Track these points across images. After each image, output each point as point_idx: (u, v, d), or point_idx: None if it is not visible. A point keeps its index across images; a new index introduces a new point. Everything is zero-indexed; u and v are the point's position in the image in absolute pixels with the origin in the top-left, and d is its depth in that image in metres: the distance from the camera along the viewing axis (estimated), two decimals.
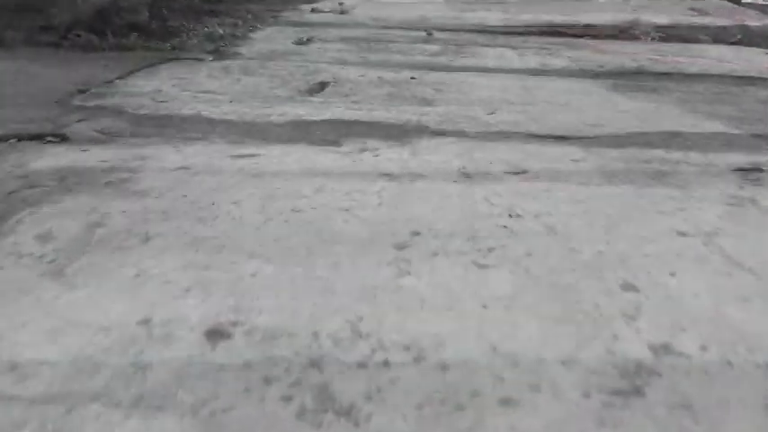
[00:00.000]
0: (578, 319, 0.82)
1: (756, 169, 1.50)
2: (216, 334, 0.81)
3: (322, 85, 2.33)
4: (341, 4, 4.39)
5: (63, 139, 1.66)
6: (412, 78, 2.50)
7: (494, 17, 3.97)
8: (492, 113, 2.00)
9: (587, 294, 0.88)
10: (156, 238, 1.08)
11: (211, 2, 5.18)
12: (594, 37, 3.60)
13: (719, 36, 3.60)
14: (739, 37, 3.58)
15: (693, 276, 0.95)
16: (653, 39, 3.57)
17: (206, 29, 3.30)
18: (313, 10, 4.16)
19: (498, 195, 1.28)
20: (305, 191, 1.32)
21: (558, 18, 3.86)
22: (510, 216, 1.17)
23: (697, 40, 3.56)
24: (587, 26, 3.67)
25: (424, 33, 3.56)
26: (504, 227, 1.12)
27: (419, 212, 1.20)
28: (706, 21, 3.79)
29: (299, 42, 3.18)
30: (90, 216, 1.18)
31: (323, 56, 2.92)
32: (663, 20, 3.77)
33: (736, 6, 4.37)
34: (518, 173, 1.42)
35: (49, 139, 1.65)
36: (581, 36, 3.61)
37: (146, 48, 2.84)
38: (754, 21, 3.78)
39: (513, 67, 2.79)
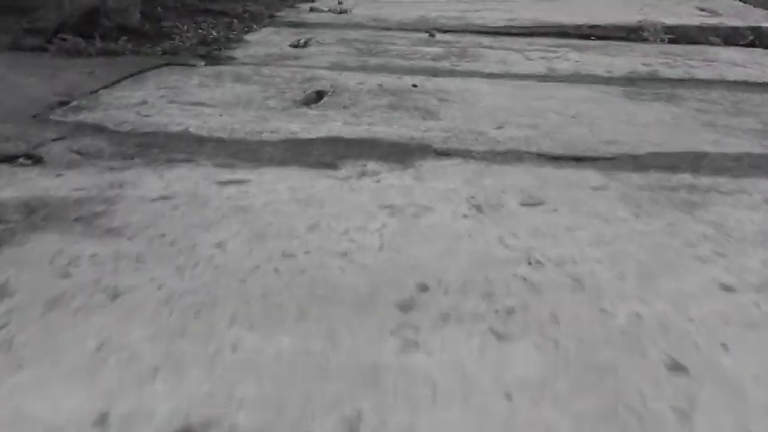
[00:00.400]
0: (622, 419, 0.67)
1: None
2: None
3: (319, 95, 2.18)
4: (340, 3, 4.22)
5: (37, 161, 1.50)
6: (414, 86, 2.34)
7: (497, 17, 3.80)
8: (500, 128, 1.85)
9: (629, 380, 0.74)
10: (126, 295, 0.93)
11: None
12: (602, 38, 3.44)
13: (731, 38, 3.43)
14: (751, 38, 3.41)
15: (749, 351, 0.80)
16: (662, 40, 3.40)
17: (200, 31, 3.13)
18: (311, 9, 3.99)
19: (514, 235, 1.13)
20: (298, 228, 1.17)
21: (563, 18, 3.69)
22: (529, 263, 1.02)
23: (708, 42, 3.40)
24: (594, 27, 3.51)
25: (425, 35, 3.39)
26: (524, 279, 0.97)
27: (426, 258, 1.05)
28: (716, 21, 3.62)
29: (296, 45, 3.02)
30: (55, 262, 1.03)
31: (320, 60, 2.76)
32: (672, 20, 3.61)
33: (746, 6, 4.20)
34: (534, 205, 1.27)
35: (22, 161, 1.50)
36: (587, 37, 3.45)
37: (135, 52, 2.68)
38: (766, 22, 3.62)
39: (519, 73, 2.63)
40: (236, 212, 1.23)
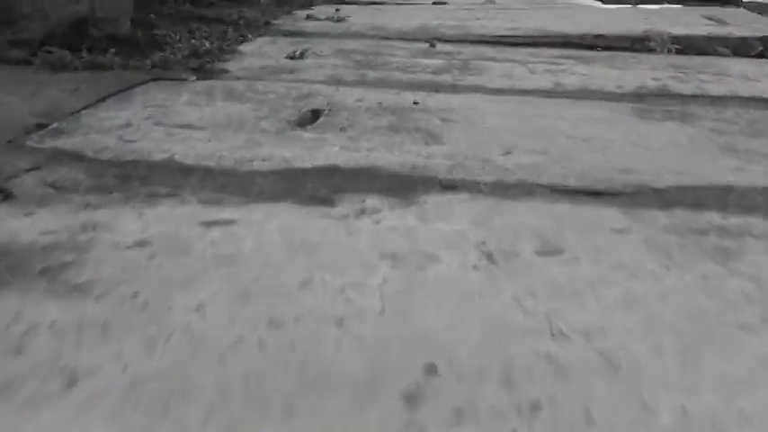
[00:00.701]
0: None
1: None
2: None
3: (315, 114, 2.03)
4: (337, 10, 4.07)
5: (7, 196, 1.36)
6: (415, 103, 2.20)
7: (499, 26, 3.66)
8: (508, 153, 1.71)
9: None
10: (86, 380, 0.79)
11: (203, 5, 4.88)
12: (607, 48, 3.30)
13: (740, 48, 3.29)
14: (761, 49, 3.27)
15: None
16: (669, 51, 3.26)
17: (192, 41, 2.98)
18: (308, 17, 3.84)
19: (532, 295, 0.99)
20: (288, 283, 1.03)
21: (567, 27, 3.55)
22: (552, 335, 0.88)
23: (716, 53, 3.26)
24: (599, 36, 3.37)
25: (425, 45, 3.25)
26: (548, 358, 0.83)
27: (433, 325, 0.91)
28: (724, 31, 3.48)
29: (292, 57, 2.87)
30: (9, 331, 0.89)
31: (317, 74, 2.62)
32: (678, 30, 3.47)
33: (753, 15, 4.07)
34: (552, 253, 1.13)
35: None
36: (592, 47, 3.31)
37: (123, 66, 2.53)
38: None
39: (524, 88, 2.49)
40: (219, 263, 1.09)
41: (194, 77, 2.46)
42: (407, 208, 1.33)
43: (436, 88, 2.45)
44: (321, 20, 3.80)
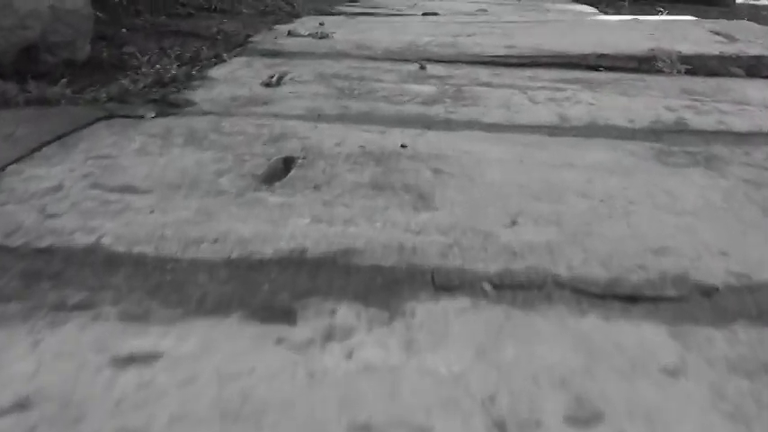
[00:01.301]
0: None
1: None
2: None
3: (287, 164, 1.69)
4: (321, 24, 3.72)
5: None
6: (403, 147, 1.87)
7: (494, 43, 3.32)
8: (513, 224, 1.37)
9: None
10: None
11: (181, 16, 4.52)
12: (612, 69, 2.96)
13: (754, 68, 2.97)
14: None
15: None
16: (678, 72, 2.93)
17: (157, 67, 2.63)
18: (289, 33, 3.49)
19: None
20: None
21: (567, 46, 3.21)
22: None
23: (729, 74, 2.93)
24: (602, 56, 3.03)
25: (415, 66, 2.91)
26: None
27: None
28: (735, 49, 3.15)
29: (268, 84, 2.53)
30: None
31: (294, 106, 2.27)
32: (687, 48, 3.13)
33: (762, 28, 3.74)
34: (587, 424, 0.79)
35: None
36: (596, 68, 2.98)
37: (74, 100, 2.18)
38: None
39: (525, 123, 2.16)
40: None
41: (153, 114, 2.11)
42: (390, 325, 1.00)
43: (427, 124, 2.11)
44: (303, 36, 3.45)
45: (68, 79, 2.37)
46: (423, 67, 2.87)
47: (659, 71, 2.97)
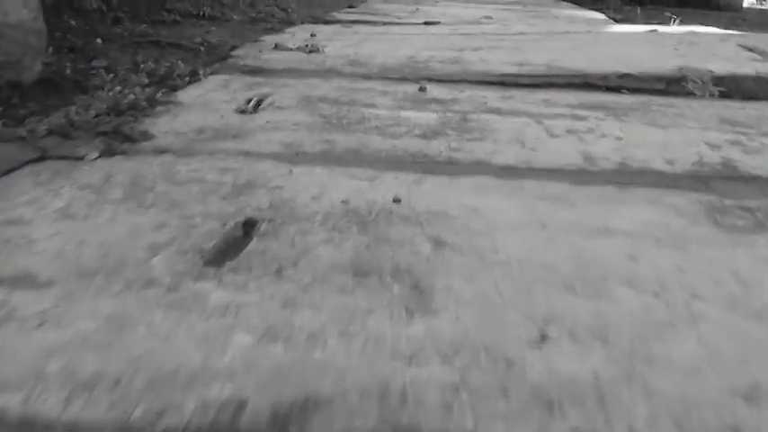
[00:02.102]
0: None
1: None
2: None
3: (246, 232, 1.29)
4: (313, 35, 3.31)
5: None
6: (396, 202, 1.46)
7: (502, 59, 2.90)
8: (543, 340, 0.96)
9: None
10: None
11: (167, 23, 4.10)
12: (636, 91, 2.55)
13: None
14: None
15: None
16: (711, 95, 2.52)
17: (117, 89, 2.21)
18: (276, 46, 3.07)
19: None
20: None
21: (584, 63, 2.79)
22: None
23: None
24: (624, 76, 2.61)
25: (414, 86, 2.49)
26: None
27: None
28: None
29: (243, 111, 2.12)
30: None
31: (270, 140, 1.86)
32: (718, 66, 2.71)
33: None
34: None
35: None
36: (618, 90, 2.56)
37: (4, 135, 1.77)
38: None
39: (544, 165, 1.74)
40: None
41: (97, 153, 1.70)
42: None
43: (426, 167, 1.70)
44: (291, 50, 3.03)
45: (7, 106, 1.97)
46: (422, 89, 2.46)
47: (689, 93, 2.55)
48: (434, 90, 2.48)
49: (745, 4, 9.17)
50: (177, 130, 1.94)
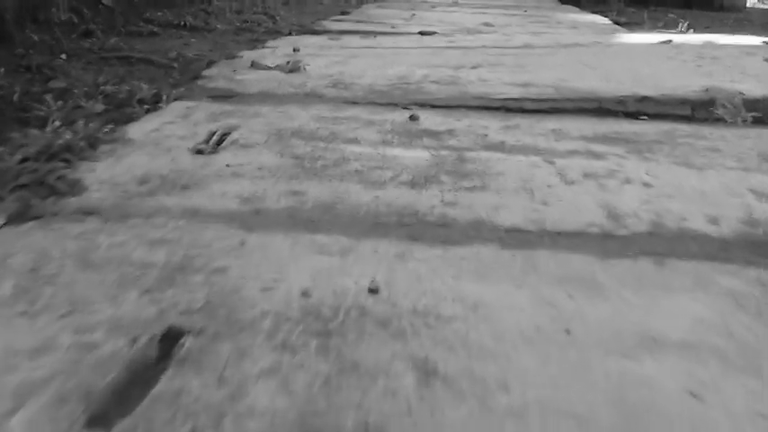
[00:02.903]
0: None
1: None
2: None
3: (162, 354, 0.91)
4: (296, 50, 2.92)
5: None
6: (371, 293, 1.09)
7: (506, 79, 2.51)
8: None
9: None
10: None
11: (142, 35, 3.71)
12: (659, 117, 2.16)
13: None
14: None
15: None
16: (744, 121, 2.13)
17: (54, 125, 1.83)
18: (253, 65, 2.67)
19: None
20: None
21: (596, 83, 2.40)
22: None
23: None
24: (644, 99, 2.22)
25: (404, 114, 2.11)
26: None
27: None
28: None
29: (200, 150, 1.73)
30: None
31: (226, 192, 1.48)
32: (749, 87, 2.32)
33: None
34: None
35: None
36: (637, 116, 2.17)
37: None
38: None
39: (560, 227, 1.36)
40: None
41: (3, 220, 1.31)
42: None
43: (414, 231, 1.32)
44: (270, 68, 2.64)
45: None
46: (414, 117, 2.07)
47: (718, 119, 2.16)
48: (427, 118, 2.09)
49: (747, 4, 8.77)
50: (116, 179, 1.55)
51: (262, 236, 1.28)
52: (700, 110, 2.18)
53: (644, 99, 2.22)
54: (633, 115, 2.18)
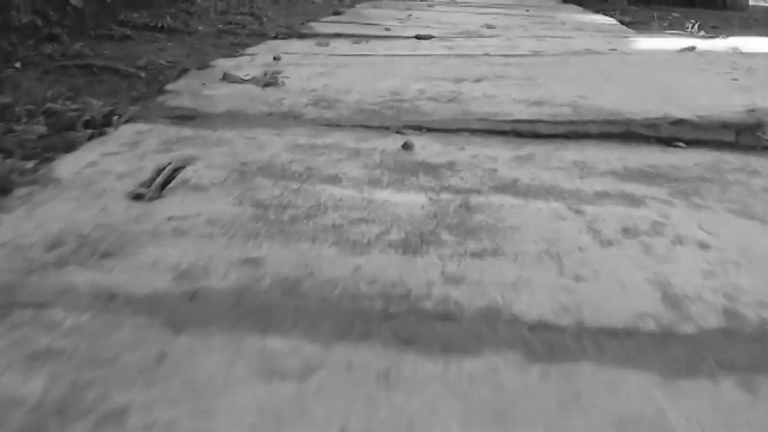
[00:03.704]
0: None
1: None
2: None
3: None
4: (276, 59, 2.51)
5: None
6: None
7: (515, 95, 2.10)
8: None
9: None
10: None
11: (114, 39, 3.29)
12: (697, 144, 1.76)
13: None
14: None
15: None
16: None
17: None
18: (224, 77, 2.26)
19: None
20: None
21: (620, 100, 2.00)
22: None
23: None
24: (679, 123, 1.82)
25: (397, 143, 1.70)
26: None
27: None
28: None
29: (140, 195, 1.33)
30: None
31: (160, 259, 1.09)
32: None
33: None
34: None
35: None
36: (671, 143, 1.77)
37: None
38: None
39: (603, 321, 0.96)
40: None
41: None
42: None
43: (405, 330, 0.94)
44: (244, 81, 2.23)
45: None
46: (408, 146, 1.67)
47: (766, 147, 1.76)
48: (424, 147, 1.69)
49: (750, 2, 8.35)
50: (21, 240, 1.15)
51: (192, 340, 0.89)
52: (746, 135, 1.78)
53: (679, 122, 1.82)
54: (667, 142, 1.77)
